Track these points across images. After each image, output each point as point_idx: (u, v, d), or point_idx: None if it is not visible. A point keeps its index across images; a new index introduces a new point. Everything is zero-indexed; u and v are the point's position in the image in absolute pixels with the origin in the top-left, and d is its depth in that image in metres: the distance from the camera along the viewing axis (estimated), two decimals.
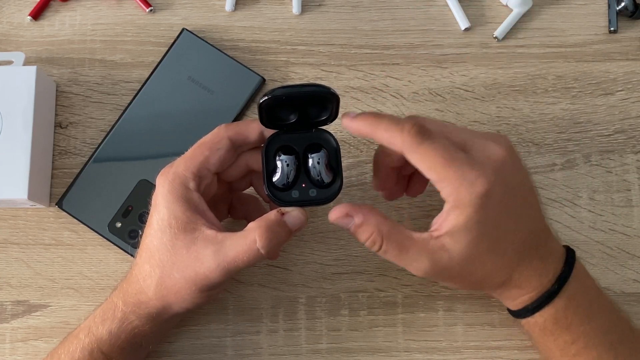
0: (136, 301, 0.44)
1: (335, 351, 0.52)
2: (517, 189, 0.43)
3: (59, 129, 0.56)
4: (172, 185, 0.43)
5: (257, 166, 0.45)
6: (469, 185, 0.39)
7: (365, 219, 0.42)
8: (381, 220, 0.42)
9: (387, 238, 0.41)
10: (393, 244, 0.41)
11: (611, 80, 0.58)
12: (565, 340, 0.44)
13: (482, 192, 0.39)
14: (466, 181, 0.39)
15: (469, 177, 0.39)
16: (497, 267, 0.43)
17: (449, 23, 0.59)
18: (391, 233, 0.41)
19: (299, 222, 0.43)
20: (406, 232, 0.42)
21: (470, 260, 0.41)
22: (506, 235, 0.42)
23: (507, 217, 0.42)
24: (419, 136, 0.40)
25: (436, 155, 0.40)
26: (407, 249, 0.41)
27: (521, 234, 0.42)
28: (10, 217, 0.55)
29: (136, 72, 0.57)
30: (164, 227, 0.42)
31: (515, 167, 0.43)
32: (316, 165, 0.43)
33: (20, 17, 0.59)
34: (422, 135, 0.40)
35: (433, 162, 0.40)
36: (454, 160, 0.40)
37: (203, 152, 0.44)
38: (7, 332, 0.52)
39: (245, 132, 0.44)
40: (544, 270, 0.43)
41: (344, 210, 0.42)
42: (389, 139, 0.41)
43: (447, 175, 0.40)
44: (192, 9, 0.59)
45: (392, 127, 0.41)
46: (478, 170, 0.40)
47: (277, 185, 0.43)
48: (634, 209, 0.55)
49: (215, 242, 0.42)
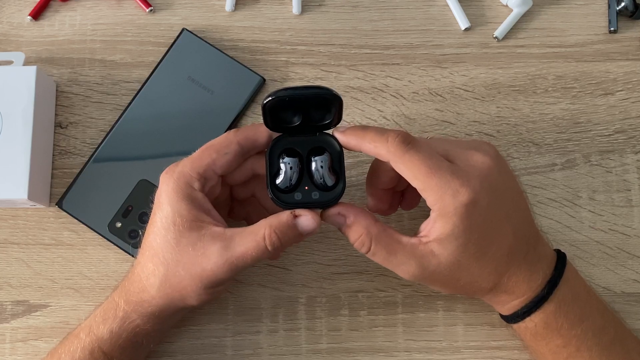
0: (138, 300, 0.44)
1: (335, 351, 0.52)
2: (505, 195, 0.43)
3: (59, 129, 0.56)
4: (177, 184, 0.43)
5: (262, 171, 0.46)
6: (452, 194, 0.40)
7: (355, 220, 0.42)
8: (371, 222, 0.42)
9: (376, 240, 0.42)
10: (381, 247, 0.42)
11: (611, 80, 0.58)
12: (556, 344, 0.45)
13: (466, 201, 0.40)
14: (450, 190, 0.40)
15: (452, 186, 0.40)
16: (485, 273, 0.43)
17: (449, 23, 0.59)
18: (380, 236, 0.42)
19: (311, 227, 0.43)
20: (395, 236, 0.42)
21: (458, 266, 0.42)
22: (494, 242, 0.42)
23: (495, 224, 0.42)
24: (403, 145, 0.41)
25: (420, 165, 0.40)
26: (395, 253, 0.42)
27: (509, 240, 0.43)
28: (10, 217, 0.55)
29: (136, 72, 0.57)
30: (167, 225, 0.43)
31: (502, 173, 0.43)
32: (319, 168, 0.43)
33: (20, 17, 0.59)
34: (406, 144, 0.41)
35: (417, 171, 0.40)
36: (437, 170, 0.40)
37: (211, 155, 0.44)
38: (7, 332, 0.52)
39: (254, 136, 0.44)
40: (533, 275, 0.44)
41: (337, 209, 0.43)
42: (375, 150, 0.42)
43: (431, 184, 0.40)
44: (192, 9, 0.59)
45: (377, 137, 0.42)
46: (461, 179, 0.40)
47: (280, 187, 0.43)
48: (634, 209, 0.55)
49: (223, 238, 0.42)
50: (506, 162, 0.45)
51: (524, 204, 0.45)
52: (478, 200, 0.40)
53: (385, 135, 0.41)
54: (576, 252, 0.54)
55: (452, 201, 0.40)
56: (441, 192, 0.40)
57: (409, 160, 0.40)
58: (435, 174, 0.40)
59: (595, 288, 0.53)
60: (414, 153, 0.40)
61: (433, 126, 0.56)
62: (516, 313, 0.45)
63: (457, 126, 0.56)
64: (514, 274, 0.43)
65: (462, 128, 0.56)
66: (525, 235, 0.44)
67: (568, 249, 0.54)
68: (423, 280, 0.43)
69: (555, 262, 0.45)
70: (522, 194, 0.45)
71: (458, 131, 0.56)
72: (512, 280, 0.43)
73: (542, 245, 0.45)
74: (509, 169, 0.45)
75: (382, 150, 0.41)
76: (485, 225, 0.41)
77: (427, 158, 0.40)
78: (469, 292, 0.45)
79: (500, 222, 0.42)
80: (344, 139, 0.43)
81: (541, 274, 0.44)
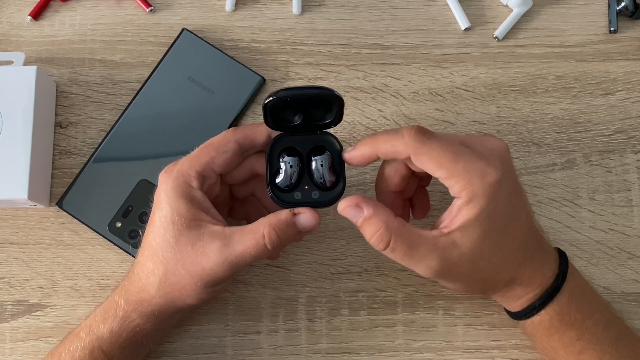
0: (138, 299, 0.44)
1: (335, 351, 0.52)
2: (517, 183, 0.43)
3: (59, 129, 0.56)
4: (175, 183, 0.43)
5: (261, 170, 0.46)
6: (480, 175, 0.39)
7: (375, 212, 0.41)
8: (391, 216, 0.41)
9: (397, 234, 0.40)
10: (402, 241, 0.40)
11: (611, 80, 0.58)
12: (570, 337, 0.44)
13: (494, 181, 0.39)
14: (478, 171, 0.39)
15: (480, 167, 0.40)
16: (504, 263, 0.43)
17: (449, 23, 0.59)
18: (401, 230, 0.41)
19: (310, 225, 0.43)
20: (416, 230, 0.41)
21: (479, 255, 0.41)
22: (512, 231, 0.42)
23: (513, 211, 0.42)
24: (421, 136, 0.40)
25: (444, 152, 0.40)
26: (416, 247, 0.40)
27: (524, 230, 0.43)
28: (10, 217, 0.55)
29: (136, 72, 0.57)
30: (166, 224, 0.43)
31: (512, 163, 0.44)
32: (319, 167, 0.43)
33: (20, 17, 0.59)
34: (424, 135, 0.41)
35: (441, 159, 0.40)
36: (462, 154, 0.40)
37: (209, 153, 0.44)
38: (7, 332, 0.52)
39: (253, 135, 0.44)
40: (545, 267, 0.44)
41: (355, 201, 0.42)
42: (392, 149, 0.41)
43: (457, 169, 0.40)
44: (192, 9, 0.59)
45: (392, 137, 0.41)
46: (486, 159, 0.40)
47: (280, 186, 0.43)
48: (634, 209, 0.55)
49: (222, 237, 0.42)
50: None
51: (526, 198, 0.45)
52: (502, 181, 0.40)
53: (400, 132, 0.41)
54: (576, 252, 0.54)
55: (480, 183, 0.39)
56: (469, 176, 0.39)
57: (432, 150, 0.40)
58: (461, 159, 0.39)
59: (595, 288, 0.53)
60: (435, 141, 0.40)
61: (433, 126, 0.56)
62: (532, 306, 0.44)
63: (457, 126, 0.56)
64: (529, 265, 0.43)
65: (462, 128, 0.56)
66: (534, 227, 0.44)
67: (568, 249, 0.54)
68: (444, 275, 0.42)
69: (558, 256, 0.45)
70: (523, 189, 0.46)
71: (458, 131, 0.56)
72: (527, 272, 0.43)
73: (544, 241, 0.46)
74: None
75: (400, 146, 0.41)
76: (506, 211, 0.41)
77: (449, 144, 0.40)
78: (487, 287, 0.45)
79: (518, 210, 0.42)
80: (356, 153, 0.43)
81: (552, 265, 0.44)
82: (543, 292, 0.44)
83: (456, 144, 0.41)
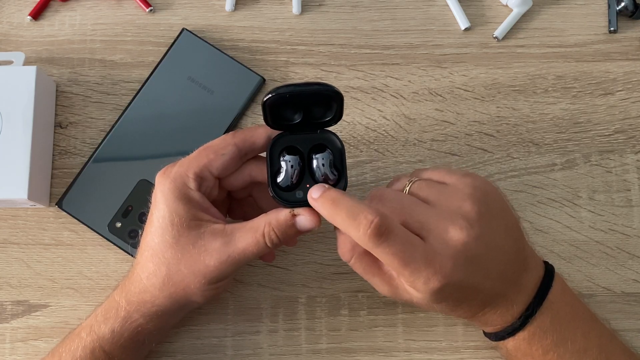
0: (140, 300, 0.44)
1: (335, 351, 0.52)
2: (489, 245, 0.42)
3: (59, 129, 0.56)
4: (173, 184, 0.43)
5: (260, 177, 0.46)
6: (424, 282, 0.40)
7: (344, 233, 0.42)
8: None
9: (357, 258, 0.43)
10: (360, 266, 0.44)
11: (611, 80, 0.58)
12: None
13: (437, 288, 0.40)
14: (422, 279, 0.40)
15: (425, 275, 0.40)
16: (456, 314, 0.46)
17: (449, 23, 0.59)
18: (362, 256, 0.43)
19: (309, 227, 0.43)
20: (377, 262, 0.43)
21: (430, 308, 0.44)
22: (466, 300, 0.43)
23: (470, 288, 0.42)
24: (374, 239, 0.39)
25: (394, 258, 0.40)
26: (372, 275, 0.44)
27: (486, 291, 0.43)
28: (10, 217, 0.55)
29: (136, 72, 0.57)
30: (165, 224, 0.43)
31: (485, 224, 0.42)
32: (320, 166, 0.43)
33: (20, 17, 0.58)
34: (378, 237, 0.39)
35: (390, 263, 0.40)
36: (410, 262, 0.40)
37: (207, 155, 0.44)
38: (7, 332, 0.52)
39: (252, 137, 0.44)
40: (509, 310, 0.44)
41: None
42: (347, 231, 0.41)
43: (404, 274, 0.41)
44: (192, 9, 0.59)
45: (349, 222, 0.40)
46: (434, 266, 0.40)
47: (281, 185, 0.43)
48: (634, 209, 0.55)
49: (224, 234, 0.43)
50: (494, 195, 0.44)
51: (515, 232, 0.45)
52: (449, 282, 0.41)
53: (357, 221, 0.40)
54: (576, 252, 0.54)
55: (423, 287, 0.41)
56: (413, 279, 0.40)
57: (382, 254, 0.40)
58: (408, 266, 0.40)
59: (595, 288, 0.53)
60: (386, 247, 0.40)
61: (433, 126, 0.56)
62: (489, 336, 0.47)
63: (457, 126, 0.56)
64: (488, 312, 0.45)
65: (462, 128, 0.56)
66: (509, 273, 0.44)
67: (568, 249, 0.54)
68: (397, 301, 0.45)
69: (537, 289, 0.45)
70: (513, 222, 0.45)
71: (458, 131, 0.56)
72: (486, 316, 0.45)
73: (528, 271, 0.45)
74: (496, 204, 0.44)
75: (354, 235, 0.40)
76: (459, 293, 0.42)
77: (400, 250, 0.40)
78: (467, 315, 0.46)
79: (477, 282, 0.42)
80: (315, 205, 0.42)
81: (519, 306, 0.44)
82: (501, 329, 0.45)
83: (408, 246, 0.40)
